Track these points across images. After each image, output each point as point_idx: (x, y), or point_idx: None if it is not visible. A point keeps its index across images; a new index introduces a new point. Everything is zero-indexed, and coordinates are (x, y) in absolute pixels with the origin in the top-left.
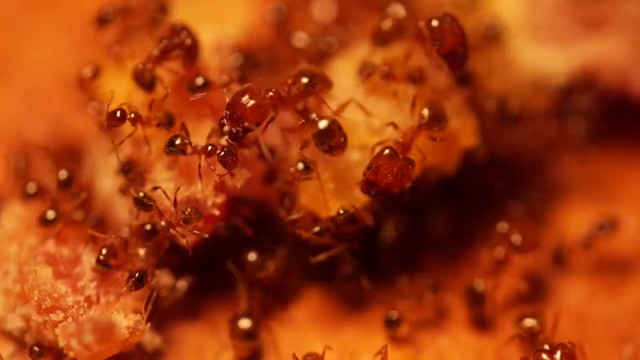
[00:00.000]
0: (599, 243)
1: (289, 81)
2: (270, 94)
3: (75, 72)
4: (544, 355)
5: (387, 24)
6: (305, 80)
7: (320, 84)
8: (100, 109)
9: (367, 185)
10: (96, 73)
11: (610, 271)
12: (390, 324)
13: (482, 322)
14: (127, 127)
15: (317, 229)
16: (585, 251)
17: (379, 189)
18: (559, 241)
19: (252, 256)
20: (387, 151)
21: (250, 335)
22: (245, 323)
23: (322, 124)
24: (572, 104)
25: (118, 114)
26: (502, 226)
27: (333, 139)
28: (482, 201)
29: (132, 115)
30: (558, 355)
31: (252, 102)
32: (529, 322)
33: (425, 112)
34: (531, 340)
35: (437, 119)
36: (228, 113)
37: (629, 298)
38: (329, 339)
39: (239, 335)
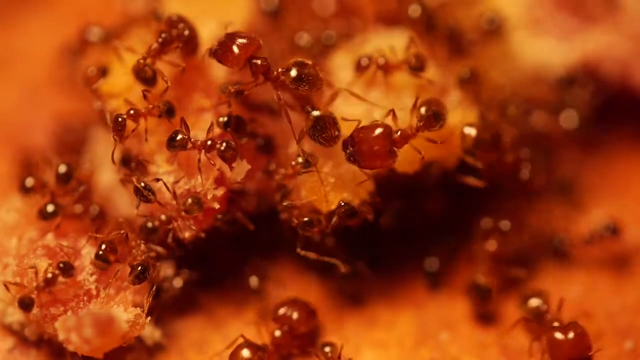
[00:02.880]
0: (601, 240)
1: (281, 69)
2: (261, 61)
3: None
4: (558, 334)
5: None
6: (293, 73)
7: (306, 85)
8: (103, 108)
9: (346, 151)
10: (102, 72)
11: (611, 265)
12: (431, 276)
13: (482, 316)
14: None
15: (305, 219)
16: (587, 246)
17: (360, 162)
18: (560, 235)
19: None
20: (379, 129)
21: None
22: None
23: (315, 114)
24: (572, 97)
25: (119, 119)
26: (487, 222)
27: (326, 132)
28: (481, 195)
29: (132, 112)
30: (571, 334)
31: (237, 51)
32: (535, 301)
33: (423, 110)
34: (538, 320)
35: (436, 118)
36: (213, 47)
37: (630, 292)
38: (330, 333)
39: None
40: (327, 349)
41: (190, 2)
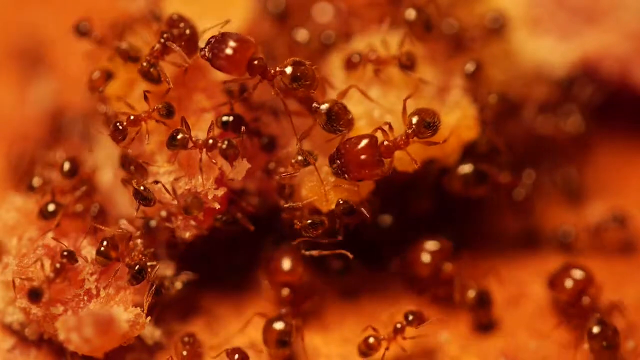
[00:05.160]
0: (605, 235)
1: (277, 67)
2: (257, 62)
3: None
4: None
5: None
6: (289, 71)
7: (303, 84)
8: (107, 111)
9: (332, 165)
10: (106, 75)
11: (613, 263)
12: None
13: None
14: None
15: (309, 221)
16: (589, 242)
17: (347, 174)
18: (558, 233)
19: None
20: (365, 140)
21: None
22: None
23: (324, 107)
24: (572, 96)
25: (119, 127)
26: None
27: (342, 119)
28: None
29: (132, 117)
30: None
31: (230, 51)
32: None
33: (415, 119)
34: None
35: (427, 126)
36: (206, 48)
37: (630, 291)
38: (329, 332)
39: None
40: None
41: (190, 2)
